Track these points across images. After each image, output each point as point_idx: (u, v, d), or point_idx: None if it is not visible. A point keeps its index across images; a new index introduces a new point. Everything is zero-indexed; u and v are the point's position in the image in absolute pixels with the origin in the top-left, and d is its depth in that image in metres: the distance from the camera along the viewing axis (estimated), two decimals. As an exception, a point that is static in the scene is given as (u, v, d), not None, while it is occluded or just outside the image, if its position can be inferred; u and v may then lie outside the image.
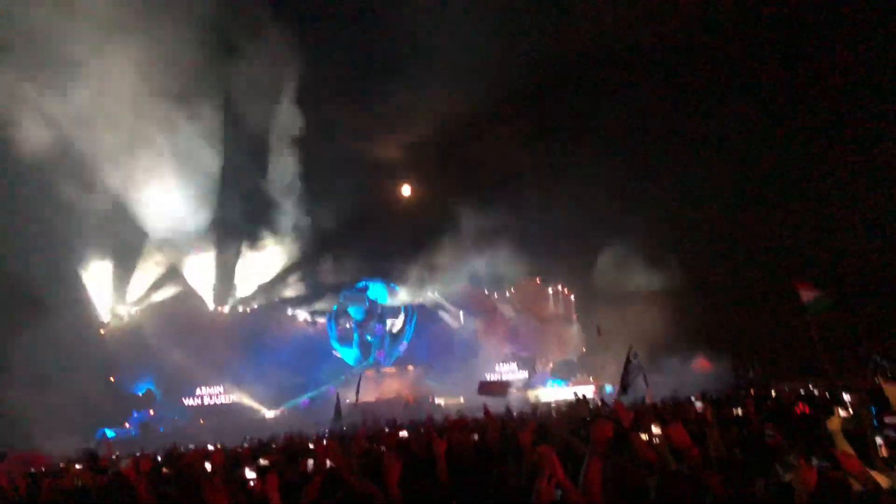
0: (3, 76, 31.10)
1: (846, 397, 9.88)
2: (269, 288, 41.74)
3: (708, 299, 36.19)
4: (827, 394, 14.08)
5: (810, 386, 19.52)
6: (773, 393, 17.64)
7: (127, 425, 35.68)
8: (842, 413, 7.84)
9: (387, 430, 15.05)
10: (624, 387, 17.28)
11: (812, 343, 17.85)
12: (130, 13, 32.65)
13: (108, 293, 37.57)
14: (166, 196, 35.93)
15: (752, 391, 19.46)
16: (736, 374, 30.16)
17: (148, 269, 38.10)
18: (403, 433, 11.35)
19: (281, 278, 42.02)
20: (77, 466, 13.06)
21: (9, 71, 31.32)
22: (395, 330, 43.76)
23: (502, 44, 46.32)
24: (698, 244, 38.54)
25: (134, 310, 38.75)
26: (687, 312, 35.55)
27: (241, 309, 41.27)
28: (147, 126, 34.81)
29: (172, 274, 39.02)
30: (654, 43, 43.39)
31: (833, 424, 4.44)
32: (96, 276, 36.64)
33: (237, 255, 40.00)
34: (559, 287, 46.16)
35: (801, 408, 9.29)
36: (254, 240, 40.02)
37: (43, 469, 13.36)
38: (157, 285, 38.94)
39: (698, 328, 36.31)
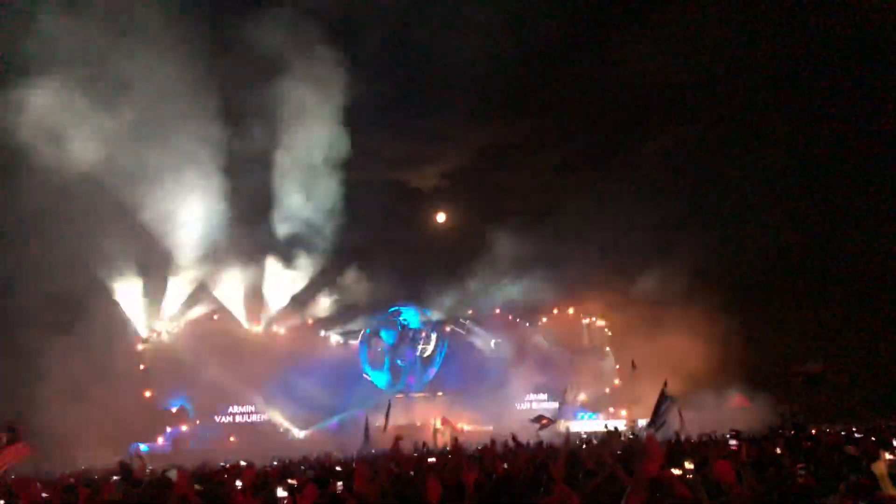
0: (47, 92, 31.74)
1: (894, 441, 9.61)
2: (301, 309, 41.99)
3: (750, 334, 35.42)
4: (873, 437, 13.70)
5: (853, 428, 18.99)
6: (813, 432, 17.21)
7: (160, 441, 36.11)
8: (888, 456, 7.64)
9: (415, 454, 15.02)
10: (655, 421, 17.02)
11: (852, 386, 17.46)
12: (175, 32, 33.26)
13: (143, 309, 38.18)
14: (203, 213, 36.35)
15: (790, 431, 18.97)
16: (780, 414, 29.40)
17: (183, 287, 38.63)
18: (432, 459, 11.32)
19: (314, 300, 42.29)
20: (114, 478, 13.27)
21: (53, 87, 31.92)
22: (425, 355, 43.75)
23: (541, 73, 46.72)
24: (742, 276, 37.85)
25: (169, 326, 39.32)
26: (726, 347, 34.89)
27: (274, 329, 41.61)
28: (188, 144, 35.32)
29: (206, 292, 39.53)
30: (699, 76, 43.25)
31: (879, 468, 4.32)
32: (132, 291, 37.25)
33: (271, 274, 40.35)
34: (593, 318, 45.72)
35: (851, 450, 9.04)
36: (288, 260, 40.39)
37: (72, 480, 13.58)
38: (191, 303, 39.45)
39: (737, 364, 35.56)
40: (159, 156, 34.94)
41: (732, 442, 11.10)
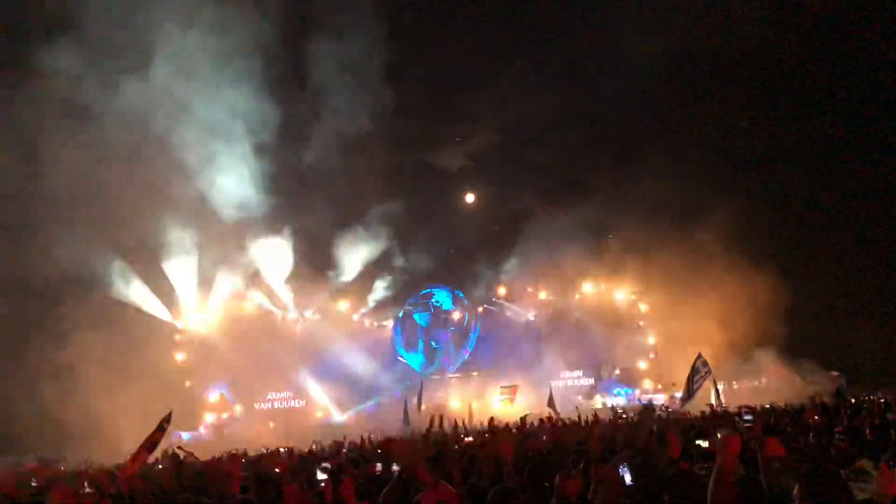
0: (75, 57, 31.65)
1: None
2: (336, 293, 42.32)
3: (790, 302, 34.77)
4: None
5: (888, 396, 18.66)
6: (853, 401, 16.97)
7: (201, 429, 36.86)
8: None
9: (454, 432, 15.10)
10: (689, 393, 16.89)
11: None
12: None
13: (180, 300, 38.74)
14: (239, 202, 36.55)
15: (831, 399, 18.70)
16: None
17: (219, 276, 39.06)
18: (469, 438, 11.39)
19: (348, 284, 42.56)
20: (160, 467, 13.62)
21: (85, 54, 31.83)
22: (459, 336, 43.88)
23: (573, 50, 46.06)
24: (783, 247, 37.06)
25: (206, 316, 39.92)
26: (765, 316, 34.33)
27: (309, 314, 42.03)
28: (225, 132, 35.52)
29: (242, 281, 39.96)
30: (732, 51, 42.15)
31: None
32: (169, 283, 37.81)
33: (304, 261, 40.68)
34: (627, 293, 45.35)
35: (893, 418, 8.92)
36: (321, 246, 40.63)
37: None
38: (227, 292, 39.93)
39: (776, 334, 34.98)
40: (196, 143, 35.17)
41: (747, 417, 10.96)
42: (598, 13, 45.81)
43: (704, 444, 7.05)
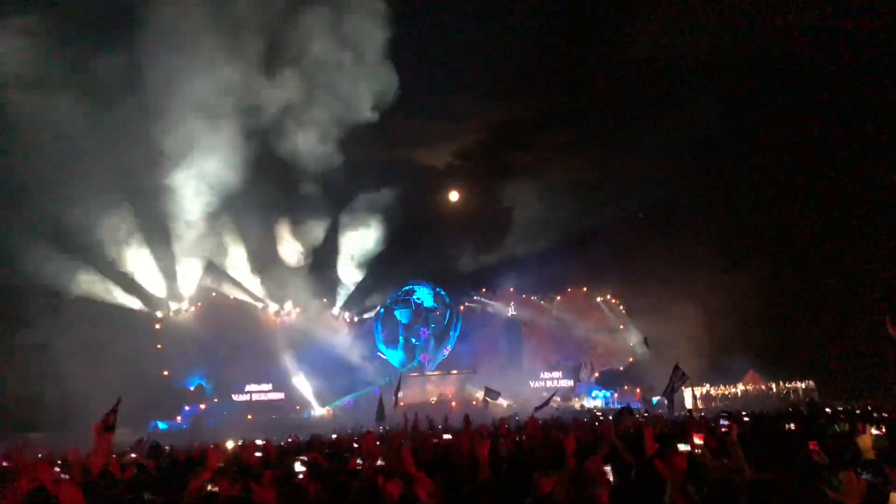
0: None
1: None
2: (317, 288, 42.29)
3: (768, 312, 35.25)
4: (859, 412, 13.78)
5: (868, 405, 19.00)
6: (828, 411, 17.23)
7: (178, 419, 36.65)
8: (874, 431, 7.67)
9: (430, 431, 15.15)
10: (671, 401, 17.10)
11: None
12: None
13: (160, 289, 38.49)
14: (219, 193, 36.28)
15: (805, 409, 18.99)
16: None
17: (199, 266, 38.86)
18: (447, 436, 11.44)
19: (329, 278, 42.56)
20: (132, 455, 13.55)
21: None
22: (439, 334, 43.95)
23: (553, 52, 46.30)
24: (761, 254, 37.59)
25: (186, 306, 39.72)
26: (742, 324, 34.77)
27: (289, 308, 41.94)
28: (204, 120, 35.07)
29: (222, 272, 39.81)
30: (710, 55, 42.64)
31: (864, 442, 4.36)
32: (149, 271, 37.54)
33: (286, 254, 40.61)
34: (608, 296, 45.71)
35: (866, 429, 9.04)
36: (303, 239, 40.58)
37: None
38: (208, 282, 39.76)
39: (753, 343, 35.45)
40: (175, 132, 34.80)
41: (724, 422, 11.13)
42: (587, 15, 46.11)
43: (684, 447, 7.14)
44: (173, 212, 35.66)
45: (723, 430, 5.76)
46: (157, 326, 38.82)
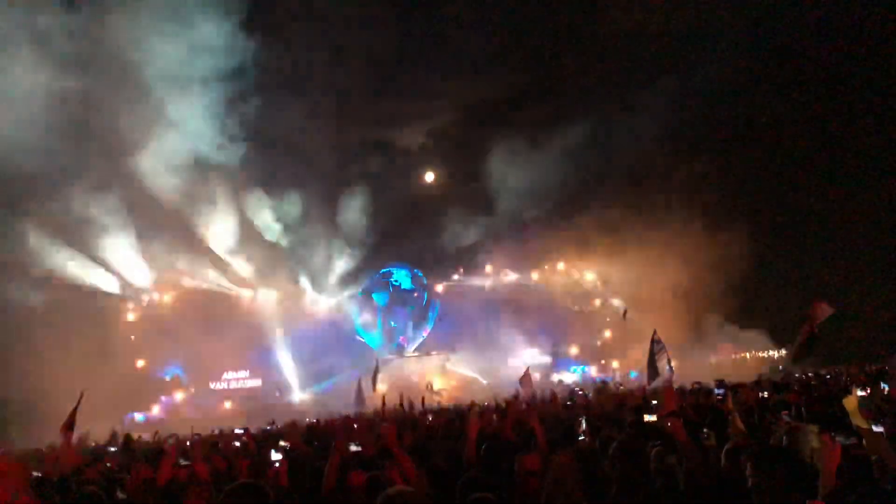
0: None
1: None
2: (293, 272, 41.88)
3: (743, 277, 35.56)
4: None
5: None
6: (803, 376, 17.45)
7: (155, 410, 36.22)
8: (859, 392, 7.72)
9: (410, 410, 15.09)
10: (654, 371, 17.12)
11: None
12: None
13: (133, 278, 37.81)
14: (193, 177, 35.60)
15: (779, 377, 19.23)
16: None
17: (173, 253, 38.20)
18: (430, 417, 11.34)
19: (305, 262, 42.16)
20: (111, 449, 13.31)
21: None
22: (417, 316, 43.87)
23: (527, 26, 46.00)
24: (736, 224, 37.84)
25: (159, 295, 39.15)
26: (718, 292, 35.11)
27: (265, 293, 41.50)
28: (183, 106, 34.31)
29: (197, 258, 39.18)
30: (686, 29, 42.61)
31: (849, 403, 4.34)
32: (122, 259, 36.81)
33: (261, 238, 40.09)
34: (583, 272, 45.91)
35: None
36: (279, 223, 40.11)
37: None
38: (181, 270, 39.10)
39: (729, 308, 35.82)
40: (152, 116, 34.06)
41: (718, 391, 11.16)
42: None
43: (652, 418, 7.08)
44: (142, 195, 34.91)
45: (717, 398, 5.70)
46: (130, 317, 38.23)
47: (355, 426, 8.00)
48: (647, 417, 7.11)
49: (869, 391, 7.98)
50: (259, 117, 37.13)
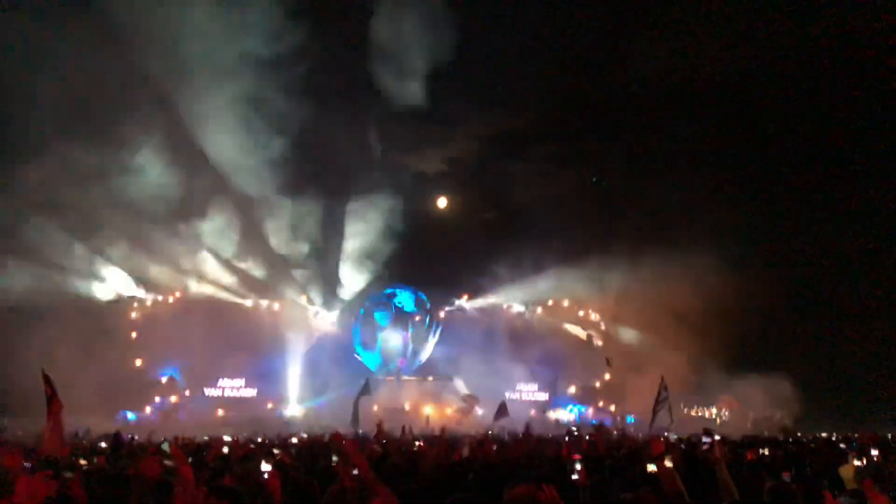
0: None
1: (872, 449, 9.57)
2: (296, 286, 41.86)
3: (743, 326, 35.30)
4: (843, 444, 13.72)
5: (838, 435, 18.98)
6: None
7: (148, 410, 36.04)
8: (856, 462, 7.58)
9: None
10: (654, 416, 16.99)
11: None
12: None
13: (138, 277, 37.95)
14: (201, 183, 35.78)
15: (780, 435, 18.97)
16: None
17: (179, 256, 38.36)
18: (419, 443, 11.21)
19: (309, 278, 42.16)
20: (102, 444, 13.22)
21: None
22: (418, 339, 43.63)
23: (552, 66, 46.40)
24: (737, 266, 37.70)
25: (164, 296, 39.21)
26: (721, 347, 34.79)
27: (267, 304, 41.49)
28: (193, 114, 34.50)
29: (203, 263, 39.31)
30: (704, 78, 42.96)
31: (846, 472, 4.26)
32: (127, 257, 36.97)
33: (267, 250, 40.17)
34: (588, 311, 45.69)
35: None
36: (285, 237, 40.19)
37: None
38: (187, 273, 39.22)
39: (731, 363, 35.47)
40: (159, 121, 34.31)
41: (706, 439, 11.01)
42: (587, 32, 46.31)
43: (654, 468, 6.99)
44: (152, 198, 35.10)
45: (704, 447, 5.59)
46: (133, 315, 38.25)
47: (344, 442, 7.88)
48: (650, 467, 7.05)
49: (865, 461, 7.84)
50: (277, 127, 37.47)
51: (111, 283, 36.97)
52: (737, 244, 39.19)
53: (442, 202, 46.78)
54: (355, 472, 4.68)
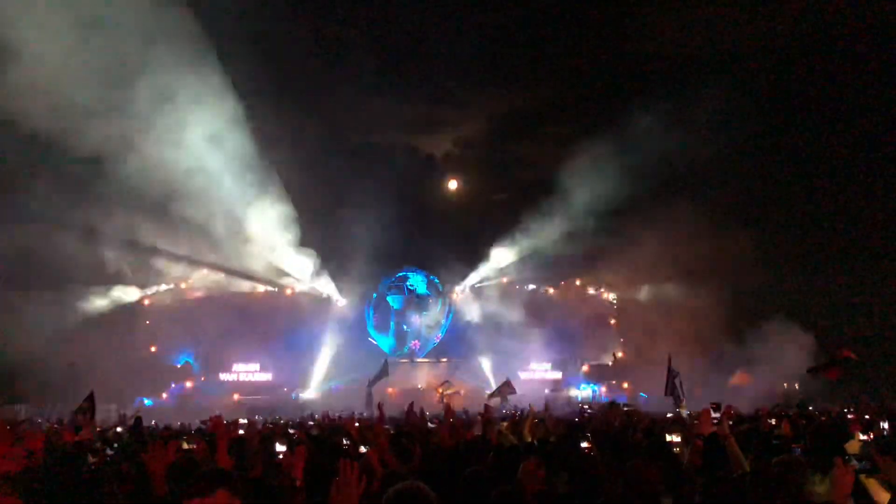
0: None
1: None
2: (310, 269, 41.91)
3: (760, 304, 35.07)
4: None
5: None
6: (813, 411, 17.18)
7: (164, 396, 36.46)
8: (861, 437, 7.60)
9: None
10: (676, 395, 17.09)
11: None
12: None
13: (151, 263, 38.07)
14: (212, 170, 35.71)
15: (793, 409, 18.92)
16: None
17: (192, 243, 38.41)
18: (432, 425, 11.31)
19: (322, 260, 42.23)
20: (118, 430, 13.43)
21: None
22: (431, 321, 43.82)
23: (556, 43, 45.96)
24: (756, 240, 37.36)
25: (178, 282, 39.45)
26: (733, 320, 34.62)
27: (280, 288, 41.63)
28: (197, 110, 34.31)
29: (215, 249, 39.39)
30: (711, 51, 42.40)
31: (851, 447, 4.27)
32: (140, 245, 37.08)
33: (279, 234, 40.21)
34: (600, 290, 45.64)
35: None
36: (296, 220, 40.21)
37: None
38: (200, 259, 39.29)
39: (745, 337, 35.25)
40: (171, 117, 34.15)
41: (714, 414, 11.07)
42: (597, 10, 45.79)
43: (675, 438, 7.22)
44: (168, 189, 35.07)
45: (713, 421, 5.62)
46: (146, 302, 38.53)
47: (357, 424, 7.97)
48: (668, 437, 7.22)
49: (872, 435, 7.86)
50: (289, 112, 37.30)
51: (124, 269, 37.08)
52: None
53: (453, 184, 46.74)
54: (363, 449, 4.75)
